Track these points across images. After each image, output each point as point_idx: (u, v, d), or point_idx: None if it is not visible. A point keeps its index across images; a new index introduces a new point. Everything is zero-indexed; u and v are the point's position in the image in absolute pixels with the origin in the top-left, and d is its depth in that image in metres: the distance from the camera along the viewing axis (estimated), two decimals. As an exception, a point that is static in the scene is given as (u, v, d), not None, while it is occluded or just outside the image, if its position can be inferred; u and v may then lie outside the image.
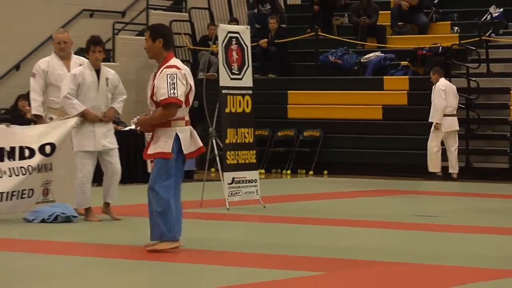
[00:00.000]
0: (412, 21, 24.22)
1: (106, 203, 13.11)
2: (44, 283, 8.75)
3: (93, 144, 12.86)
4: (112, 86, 13.01)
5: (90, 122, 12.80)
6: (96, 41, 13.07)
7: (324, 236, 12.18)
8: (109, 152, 13.01)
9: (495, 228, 12.76)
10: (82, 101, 12.74)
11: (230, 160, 14.72)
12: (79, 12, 24.19)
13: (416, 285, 8.77)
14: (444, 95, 20.13)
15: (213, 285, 8.69)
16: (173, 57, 10.44)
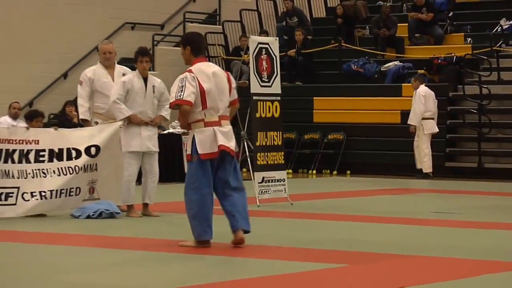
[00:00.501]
0: (428, 33, 24.16)
1: (145, 204, 13.08)
2: (90, 275, 8.74)
3: (138, 145, 12.87)
4: (158, 93, 13.03)
5: (136, 125, 12.81)
6: (143, 52, 13.17)
7: (347, 231, 12.13)
8: (151, 155, 13.02)
9: (509, 224, 12.68)
10: (130, 106, 12.77)
11: (260, 161, 14.70)
12: (121, 25, 24.23)
13: (434, 276, 8.69)
14: (424, 100, 20.27)
15: (244, 276, 8.64)
16: (200, 61, 10.16)
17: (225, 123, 10.07)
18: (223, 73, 10.25)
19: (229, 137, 10.08)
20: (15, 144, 12.63)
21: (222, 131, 9.99)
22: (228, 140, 10.02)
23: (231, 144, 10.06)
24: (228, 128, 10.08)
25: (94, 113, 13.39)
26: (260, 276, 8.62)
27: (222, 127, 10.02)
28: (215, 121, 10.02)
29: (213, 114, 10.02)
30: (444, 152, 21.66)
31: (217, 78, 10.07)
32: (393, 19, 24.34)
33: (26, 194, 12.60)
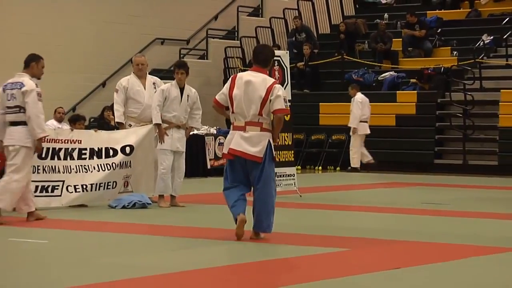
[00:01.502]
0: (420, 47, 24.10)
1: (172, 196, 13.10)
2: (129, 257, 8.74)
3: (170, 144, 12.95)
4: (191, 102, 13.11)
5: (170, 128, 12.95)
6: (180, 64, 13.26)
7: (349, 219, 12.12)
8: (179, 154, 13.08)
9: (490, 213, 12.67)
10: (167, 110, 12.92)
11: (274, 158, 14.65)
12: (152, 40, 24.24)
13: (426, 259, 8.68)
14: (360, 106, 20.25)
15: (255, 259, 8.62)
16: (252, 69, 9.68)
17: (250, 129, 9.42)
18: (262, 84, 9.48)
19: (252, 142, 9.42)
20: (60, 143, 12.66)
21: (243, 136, 9.43)
22: (249, 145, 9.41)
23: (249, 149, 9.41)
24: (251, 134, 9.41)
25: (128, 117, 13.42)
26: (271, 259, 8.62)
27: (246, 132, 9.43)
28: (241, 126, 9.48)
29: (240, 120, 9.49)
30: (433, 151, 21.62)
31: (250, 86, 9.45)
32: (389, 35, 24.29)
33: (70, 187, 12.63)
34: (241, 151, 9.43)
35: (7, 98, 11.13)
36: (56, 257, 8.77)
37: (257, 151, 9.41)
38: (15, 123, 11.10)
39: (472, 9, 25.29)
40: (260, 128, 9.44)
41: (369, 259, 8.73)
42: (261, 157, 9.41)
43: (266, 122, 9.48)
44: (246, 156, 9.43)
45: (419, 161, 21.29)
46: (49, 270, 8.03)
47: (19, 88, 11.12)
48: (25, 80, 11.19)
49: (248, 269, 8.23)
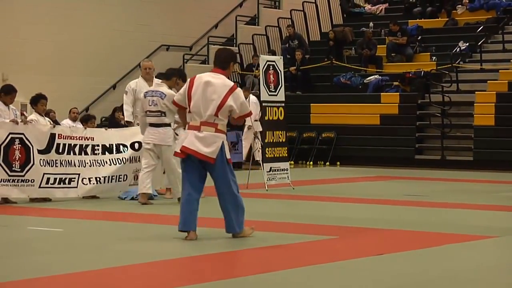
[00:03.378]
0: (402, 53, 24.07)
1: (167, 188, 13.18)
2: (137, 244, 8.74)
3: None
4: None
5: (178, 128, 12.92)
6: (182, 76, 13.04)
7: (337, 210, 12.11)
8: None
9: (466, 204, 12.66)
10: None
11: (269, 154, 14.69)
12: (158, 46, 24.23)
13: (407, 246, 8.69)
14: (255, 106, 19.93)
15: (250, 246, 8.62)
16: (213, 71, 8.93)
17: (205, 129, 8.65)
18: (222, 86, 8.73)
19: (206, 142, 8.65)
20: (76, 140, 12.68)
21: (197, 135, 8.65)
22: (202, 144, 8.64)
23: (201, 148, 8.62)
24: (205, 134, 8.64)
25: (136, 116, 13.42)
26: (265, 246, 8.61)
27: (200, 132, 8.66)
28: (196, 126, 8.69)
29: (196, 119, 8.70)
30: (414, 147, 21.60)
31: (209, 87, 8.72)
32: (374, 42, 24.26)
33: (85, 179, 12.65)
34: (194, 150, 8.64)
35: (149, 103, 12.12)
36: (71, 244, 8.77)
37: (210, 152, 8.64)
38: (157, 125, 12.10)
39: (449, 18, 25.28)
40: (215, 129, 8.68)
41: (356, 246, 8.74)
42: (214, 158, 8.65)
43: (222, 124, 8.74)
44: (198, 155, 8.65)
45: (401, 157, 21.27)
46: (65, 256, 8.04)
47: (159, 96, 12.11)
48: (164, 89, 12.19)
49: (242, 255, 8.23)
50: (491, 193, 14.73)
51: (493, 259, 8.18)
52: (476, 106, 21.05)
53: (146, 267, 7.42)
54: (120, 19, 23.43)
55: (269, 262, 7.81)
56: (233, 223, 8.84)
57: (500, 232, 9.70)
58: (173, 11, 24.81)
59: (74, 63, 22.45)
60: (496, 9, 24.64)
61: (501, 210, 12.00)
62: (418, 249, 8.45)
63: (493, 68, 22.22)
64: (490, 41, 23.63)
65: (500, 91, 21.09)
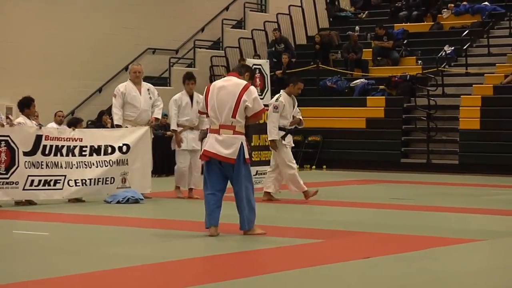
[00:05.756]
0: (388, 57, 24.14)
1: (190, 189, 13.57)
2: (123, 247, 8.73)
3: (186, 145, 13.57)
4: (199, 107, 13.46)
5: (184, 130, 13.55)
6: (189, 76, 13.80)
7: (324, 213, 12.13)
8: (195, 152, 13.51)
9: (451, 208, 12.69)
10: (181, 116, 13.52)
11: (255, 157, 14.67)
12: (144, 50, 24.19)
13: (393, 249, 8.71)
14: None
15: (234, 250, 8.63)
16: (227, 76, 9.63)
17: (224, 131, 9.16)
18: (235, 86, 9.21)
19: (225, 144, 9.16)
20: (63, 141, 12.66)
21: (217, 138, 9.17)
22: (222, 147, 9.15)
23: (222, 151, 9.12)
24: (224, 137, 9.14)
25: (125, 120, 13.44)
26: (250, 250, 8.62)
27: (219, 135, 9.16)
28: (215, 129, 9.22)
29: (215, 123, 9.23)
30: (400, 151, 21.66)
31: (222, 91, 9.23)
32: (359, 45, 24.32)
33: (71, 181, 12.62)
34: (215, 153, 9.16)
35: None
36: (57, 247, 8.75)
37: (230, 153, 9.12)
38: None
39: (435, 22, 25.38)
40: (233, 131, 9.15)
41: (342, 250, 8.75)
42: (234, 158, 9.13)
43: (239, 125, 9.20)
44: (219, 157, 9.15)
45: (387, 160, 21.32)
46: (51, 259, 8.02)
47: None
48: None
49: (228, 259, 8.23)
50: (476, 196, 14.79)
51: (479, 263, 8.21)
52: (462, 110, 21.13)
53: (133, 271, 7.41)
54: (106, 23, 23.39)
55: (254, 265, 7.81)
56: (244, 221, 9.30)
57: (486, 235, 9.73)
58: (159, 15, 24.78)
59: (59, 66, 22.39)
60: (481, 13, 24.76)
61: (486, 213, 12.04)
62: (404, 252, 8.47)
63: (478, 72, 22.33)
64: (475, 45, 23.75)
65: (485, 95, 21.18)
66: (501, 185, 16.95)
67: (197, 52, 25.29)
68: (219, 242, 9.09)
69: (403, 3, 26.71)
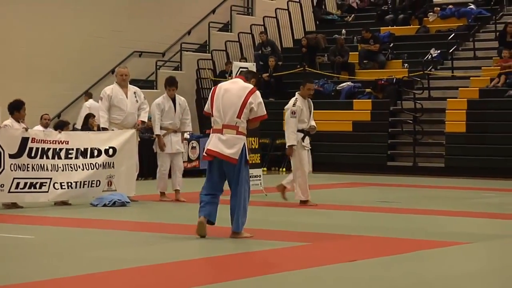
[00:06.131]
0: (374, 60, 24.19)
1: (176, 190, 13.61)
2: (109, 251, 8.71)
3: (170, 148, 13.60)
4: (182, 109, 13.76)
5: (168, 134, 13.58)
6: (170, 83, 13.77)
7: (310, 216, 12.13)
8: (178, 154, 13.75)
9: (437, 211, 12.72)
10: (165, 119, 13.58)
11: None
12: (131, 53, 24.17)
13: (379, 252, 8.72)
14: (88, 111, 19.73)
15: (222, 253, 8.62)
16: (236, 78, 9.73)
17: (227, 131, 9.27)
18: (242, 89, 9.36)
19: (228, 144, 9.27)
20: (49, 144, 12.62)
21: (220, 138, 9.29)
22: (225, 146, 9.26)
23: (225, 150, 9.23)
24: (228, 137, 9.25)
25: (111, 123, 13.43)
26: (237, 253, 8.62)
27: (223, 135, 9.28)
28: (218, 129, 9.32)
29: (218, 123, 9.33)
30: (386, 154, 21.71)
31: (228, 92, 9.36)
32: (346, 48, 24.37)
33: (56, 184, 12.58)
34: (217, 151, 9.26)
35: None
36: (42, 251, 8.72)
37: (232, 153, 9.25)
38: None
39: (421, 26, 25.45)
40: (236, 131, 9.30)
41: (329, 252, 8.76)
42: (236, 158, 9.26)
43: (242, 126, 9.34)
44: (222, 156, 9.26)
45: (373, 163, 21.36)
46: (36, 263, 7.99)
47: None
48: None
49: (215, 262, 8.23)
50: (462, 199, 14.83)
51: (465, 265, 8.23)
52: (448, 113, 21.20)
53: (120, 274, 7.39)
54: (93, 25, 23.35)
55: (240, 268, 7.81)
56: (238, 222, 9.36)
57: (472, 238, 9.76)
58: (146, 18, 24.76)
59: (45, 69, 22.33)
60: (467, 16, 24.85)
61: (472, 216, 12.08)
62: (390, 255, 8.49)
63: (464, 75, 22.40)
64: (461, 49, 23.83)
65: (471, 98, 21.25)
66: (487, 188, 17.01)
67: (183, 55, 25.29)
68: (204, 246, 9.09)
69: (389, 7, 26.79)
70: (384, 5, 27.22)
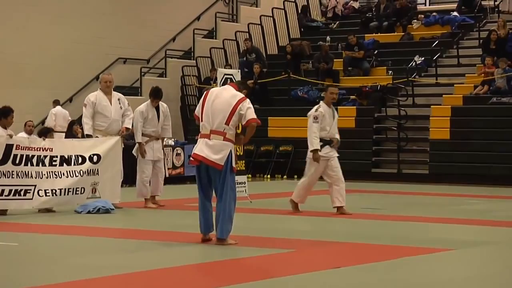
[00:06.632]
0: (358, 67, 24.25)
1: (156, 195, 13.76)
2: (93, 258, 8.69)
3: (151, 155, 13.66)
4: (164, 116, 13.89)
5: (150, 141, 13.67)
6: (155, 94, 13.83)
7: (294, 223, 12.14)
8: (159, 161, 13.86)
9: (421, 217, 12.75)
10: (148, 127, 13.64)
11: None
12: (115, 59, 24.14)
13: (363, 259, 8.74)
14: (54, 117, 20.28)
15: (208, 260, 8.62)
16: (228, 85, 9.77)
17: (214, 137, 9.31)
18: (232, 97, 9.42)
19: (214, 150, 9.30)
20: (33, 151, 12.58)
21: (207, 143, 9.32)
22: (211, 152, 9.28)
23: (211, 156, 9.25)
24: (215, 142, 9.29)
25: (95, 129, 13.42)
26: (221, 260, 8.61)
27: (210, 140, 9.33)
28: (206, 134, 9.37)
29: (206, 128, 9.37)
30: (370, 161, 21.74)
31: (219, 98, 9.42)
32: (331, 55, 24.42)
33: (41, 191, 12.55)
34: (203, 156, 9.29)
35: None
36: (26, 258, 8.69)
37: (218, 159, 9.27)
38: None
39: (405, 33, 25.55)
40: (223, 137, 9.33)
41: (313, 259, 8.77)
42: (222, 164, 9.28)
43: (230, 133, 9.39)
44: (207, 162, 9.30)
45: (358, 170, 21.35)
46: (20, 270, 7.97)
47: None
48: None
49: (199, 269, 8.23)
50: (446, 206, 14.87)
51: (449, 272, 8.25)
52: (432, 120, 21.27)
53: (103, 281, 7.38)
54: (77, 32, 23.31)
55: (223, 276, 7.81)
56: (222, 229, 9.36)
57: (456, 245, 9.79)
58: (131, 24, 24.75)
59: (29, 75, 22.28)
60: (451, 24, 24.96)
61: (456, 223, 12.12)
62: (374, 262, 8.50)
63: (448, 83, 22.49)
64: (445, 56, 23.93)
65: (455, 105, 21.34)
66: (471, 194, 17.06)
67: (168, 62, 25.28)
68: (190, 253, 9.08)
69: (373, 14, 26.88)
70: (368, 12, 27.31)
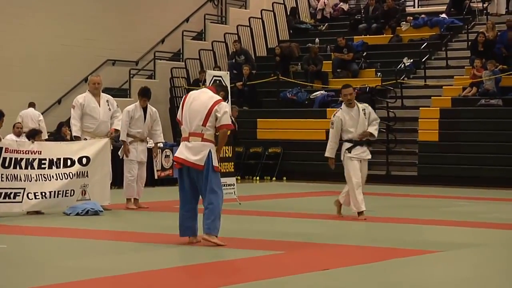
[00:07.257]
0: (347, 68, 24.30)
1: (136, 199, 13.76)
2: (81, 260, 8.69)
3: (135, 156, 13.75)
4: (152, 119, 13.90)
5: (135, 142, 13.74)
6: (143, 93, 13.91)
7: (283, 225, 12.15)
8: (142, 164, 13.91)
9: (410, 219, 12.77)
10: (133, 127, 13.71)
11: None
12: (104, 61, 24.12)
13: (352, 261, 8.76)
14: (20, 119, 19.90)
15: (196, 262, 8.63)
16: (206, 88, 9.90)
17: (193, 139, 9.42)
18: (209, 99, 9.49)
19: (193, 151, 9.40)
20: (22, 154, 12.57)
21: (187, 145, 9.46)
22: (191, 153, 9.38)
23: (190, 157, 9.35)
24: (194, 144, 9.39)
25: (84, 131, 13.41)
26: (211, 262, 8.62)
27: (189, 142, 9.46)
28: (186, 137, 9.53)
29: (186, 131, 9.52)
30: (359, 163, 21.75)
31: (196, 101, 9.52)
32: (319, 57, 24.46)
33: (30, 194, 12.53)
34: (183, 158, 9.41)
35: None
36: (15, 260, 8.67)
37: (197, 159, 9.36)
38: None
39: (394, 35, 25.61)
40: (201, 138, 9.42)
41: (302, 261, 8.77)
42: (202, 165, 9.35)
43: (208, 133, 9.44)
44: (187, 163, 9.40)
45: (345, 172, 21.39)
46: (8, 272, 7.95)
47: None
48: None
49: (188, 271, 8.23)
50: (435, 208, 14.91)
51: (438, 274, 8.28)
52: (421, 121, 21.33)
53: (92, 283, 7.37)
54: (66, 34, 23.28)
55: (213, 278, 7.81)
56: (209, 226, 9.42)
57: (444, 246, 9.82)
58: (119, 26, 24.72)
59: (18, 77, 22.23)
60: (439, 26, 25.04)
61: (445, 225, 12.16)
62: (363, 264, 8.52)
63: (437, 84, 22.56)
64: (434, 58, 24.00)
65: (443, 107, 21.40)
66: (460, 196, 17.11)
67: (157, 64, 25.27)
68: (178, 254, 9.09)
69: (362, 16, 26.94)
70: (357, 14, 27.36)
